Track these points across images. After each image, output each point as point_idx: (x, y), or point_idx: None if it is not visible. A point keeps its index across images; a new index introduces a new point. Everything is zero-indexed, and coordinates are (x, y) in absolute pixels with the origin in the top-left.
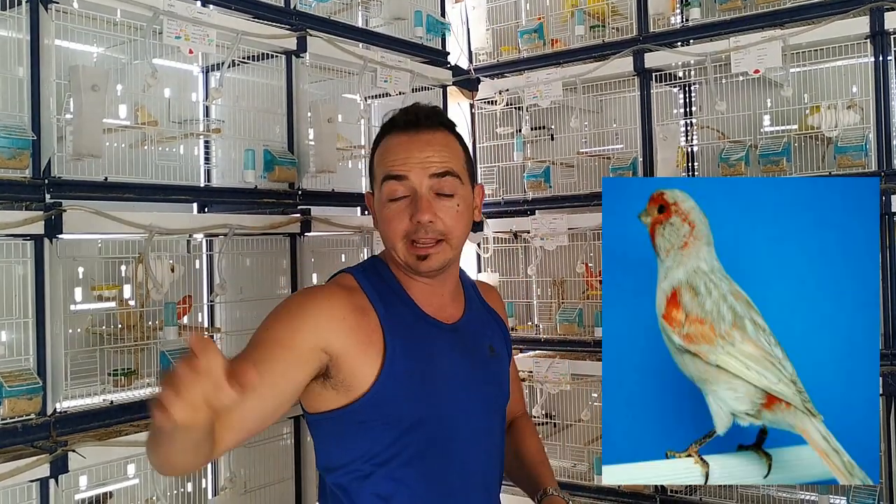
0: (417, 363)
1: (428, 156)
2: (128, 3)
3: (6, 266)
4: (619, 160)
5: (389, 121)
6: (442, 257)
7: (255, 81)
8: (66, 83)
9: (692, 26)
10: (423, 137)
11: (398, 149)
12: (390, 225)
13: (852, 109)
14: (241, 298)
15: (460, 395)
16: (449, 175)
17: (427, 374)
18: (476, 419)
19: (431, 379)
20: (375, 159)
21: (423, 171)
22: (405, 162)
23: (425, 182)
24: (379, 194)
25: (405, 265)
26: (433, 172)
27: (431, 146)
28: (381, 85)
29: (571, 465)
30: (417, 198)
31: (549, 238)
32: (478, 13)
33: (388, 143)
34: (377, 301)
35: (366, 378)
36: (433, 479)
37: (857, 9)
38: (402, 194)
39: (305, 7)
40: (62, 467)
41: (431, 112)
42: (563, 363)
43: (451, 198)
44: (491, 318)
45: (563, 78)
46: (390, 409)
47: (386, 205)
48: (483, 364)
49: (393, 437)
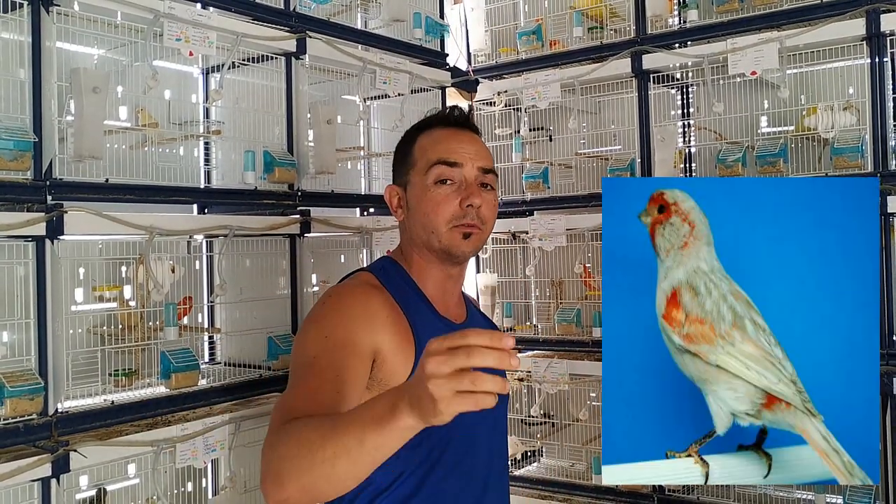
0: None
1: (477, 150)
2: (128, 6)
3: (8, 267)
4: (617, 161)
5: (433, 117)
6: (478, 241)
7: (254, 83)
8: (67, 85)
9: (689, 28)
10: (469, 134)
11: (451, 139)
12: (438, 207)
13: (849, 111)
14: (241, 299)
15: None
16: (491, 172)
17: None
18: (488, 418)
19: None
20: (417, 148)
21: (473, 161)
22: (458, 151)
23: (474, 172)
24: (421, 179)
25: (442, 249)
26: (482, 166)
27: (478, 143)
28: (381, 86)
29: (570, 465)
30: (467, 184)
31: (548, 238)
32: (476, 15)
33: (435, 134)
34: (401, 300)
35: (400, 376)
36: (452, 479)
37: (854, 10)
38: (453, 180)
39: (305, 9)
40: (63, 467)
41: (471, 116)
42: (561, 363)
43: (492, 192)
44: (487, 324)
45: (561, 79)
46: None
47: (432, 188)
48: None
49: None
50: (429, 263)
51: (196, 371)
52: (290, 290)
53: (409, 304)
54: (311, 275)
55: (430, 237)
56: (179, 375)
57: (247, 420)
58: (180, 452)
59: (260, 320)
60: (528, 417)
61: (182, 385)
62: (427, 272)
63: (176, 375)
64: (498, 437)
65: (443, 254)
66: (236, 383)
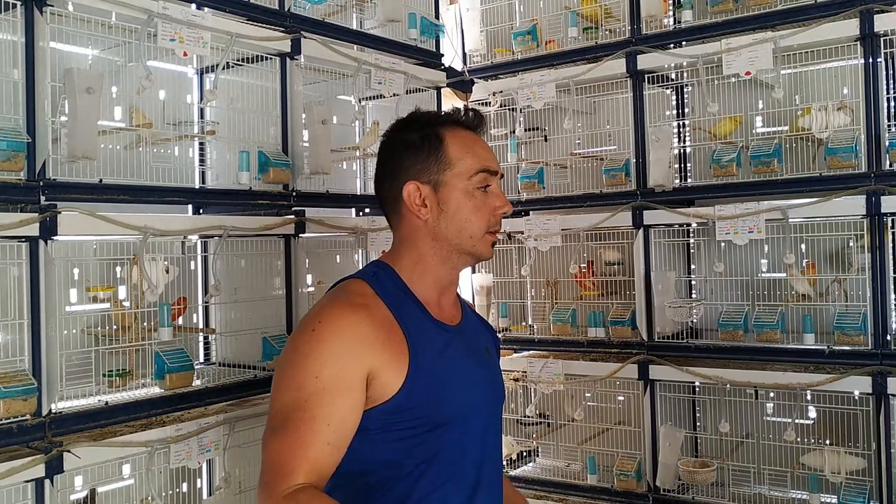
0: (437, 366)
1: (494, 158)
2: (122, 6)
3: (1, 268)
4: (612, 161)
5: (458, 117)
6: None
7: (249, 83)
8: (60, 86)
9: (684, 28)
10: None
11: (480, 145)
12: (479, 213)
13: (843, 111)
14: (235, 299)
15: (471, 394)
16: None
17: (446, 375)
18: (484, 417)
19: (451, 379)
20: (453, 149)
21: (498, 170)
22: (493, 160)
23: (497, 180)
24: (462, 183)
25: (473, 252)
26: (501, 174)
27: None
28: (376, 87)
29: (565, 465)
30: (497, 193)
31: (543, 239)
32: (472, 15)
33: (464, 136)
34: (394, 306)
35: (393, 387)
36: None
37: (848, 11)
38: (490, 187)
39: (299, 9)
40: (57, 467)
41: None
42: (556, 363)
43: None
44: (483, 325)
45: (556, 79)
46: (413, 412)
47: (476, 194)
48: (484, 364)
49: (416, 439)
50: (441, 264)
51: (190, 371)
52: (285, 291)
53: (402, 311)
54: (305, 275)
55: (465, 241)
56: (174, 376)
57: (241, 420)
58: (175, 453)
59: (255, 321)
60: (523, 417)
61: (176, 385)
62: (427, 274)
63: (170, 376)
64: (492, 438)
65: (471, 258)
66: (231, 384)
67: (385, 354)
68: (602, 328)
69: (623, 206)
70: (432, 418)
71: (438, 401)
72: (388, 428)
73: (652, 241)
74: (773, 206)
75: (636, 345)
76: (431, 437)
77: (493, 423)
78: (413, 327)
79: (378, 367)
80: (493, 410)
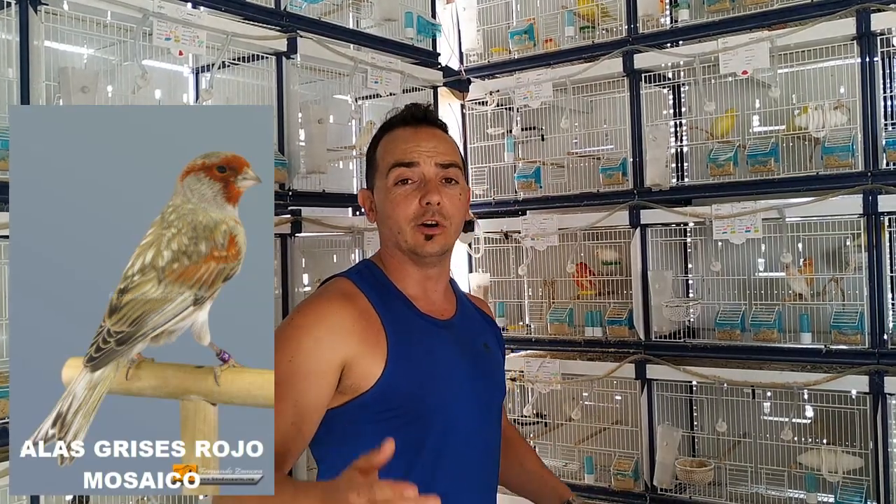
0: (418, 358)
1: (434, 146)
2: (117, 5)
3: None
4: (608, 161)
5: (394, 118)
6: (444, 240)
7: (245, 82)
8: (55, 85)
9: (681, 27)
10: (428, 130)
11: (409, 139)
12: (398, 208)
13: (839, 110)
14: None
15: (458, 389)
16: (453, 166)
17: (427, 368)
18: (473, 413)
19: (432, 373)
20: (379, 151)
21: (430, 158)
22: (414, 150)
23: (433, 169)
24: (383, 182)
25: (409, 249)
26: (440, 161)
27: (437, 138)
28: (372, 86)
29: (562, 465)
30: (426, 181)
31: (540, 238)
32: (468, 14)
33: (394, 135)
34: (377, 302)
35: (372, 377)
36: (429, 474)
37: (844, 10)
38: (411, 179)
39: (296, 8)
40: None
41: (431, 111)
42: (553, 363)
43: (456, 185)
44: (484, 321)
45: (553, 79)
46: (392, 403)
47: (392, 189)
48: (478, 359)
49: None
50: (403, 264)
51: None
52: (282, 291)
53: (384, 305)
54: (302, 275)
55: (397, 238)
56: None
57: None
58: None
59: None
60: (520, 417)
61: None
62: (404, 272)
63: None
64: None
65: (412, 255)
66: None
67: (362, 345)
68: (599, 328)
69: (620, 206)
70: (414, 409)
71: (419, 391)
72: (372, 420)
73: (649, 240)
74: (770, 206)
75: (633, 344)
76: (415, 429)
77: (487, 417)
78: (394, 320)
79: (354, 356)
80: (486, 404)
